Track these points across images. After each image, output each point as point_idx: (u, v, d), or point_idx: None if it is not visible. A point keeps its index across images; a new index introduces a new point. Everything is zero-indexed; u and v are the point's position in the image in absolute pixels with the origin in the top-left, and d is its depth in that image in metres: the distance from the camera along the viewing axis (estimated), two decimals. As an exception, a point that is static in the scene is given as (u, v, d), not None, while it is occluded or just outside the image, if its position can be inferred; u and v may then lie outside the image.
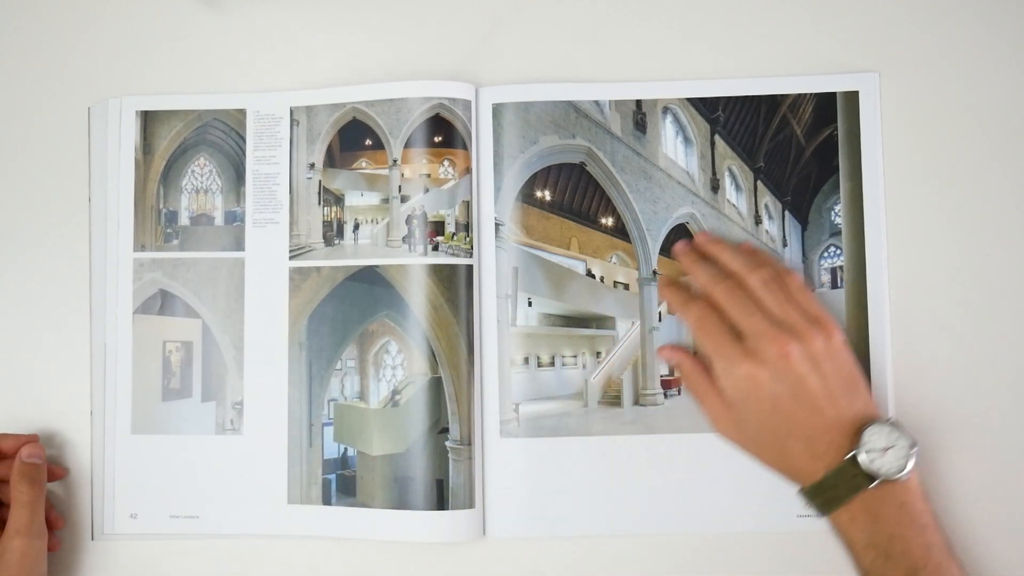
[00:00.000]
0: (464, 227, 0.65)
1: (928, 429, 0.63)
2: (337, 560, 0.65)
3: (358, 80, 0.67)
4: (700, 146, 0.67)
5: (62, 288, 0.67)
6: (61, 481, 0.65)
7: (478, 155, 0.66)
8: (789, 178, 0.66)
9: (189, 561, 0.65)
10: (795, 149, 0.66)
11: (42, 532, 0.60)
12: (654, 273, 0.66)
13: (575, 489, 0.64)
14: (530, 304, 0.66)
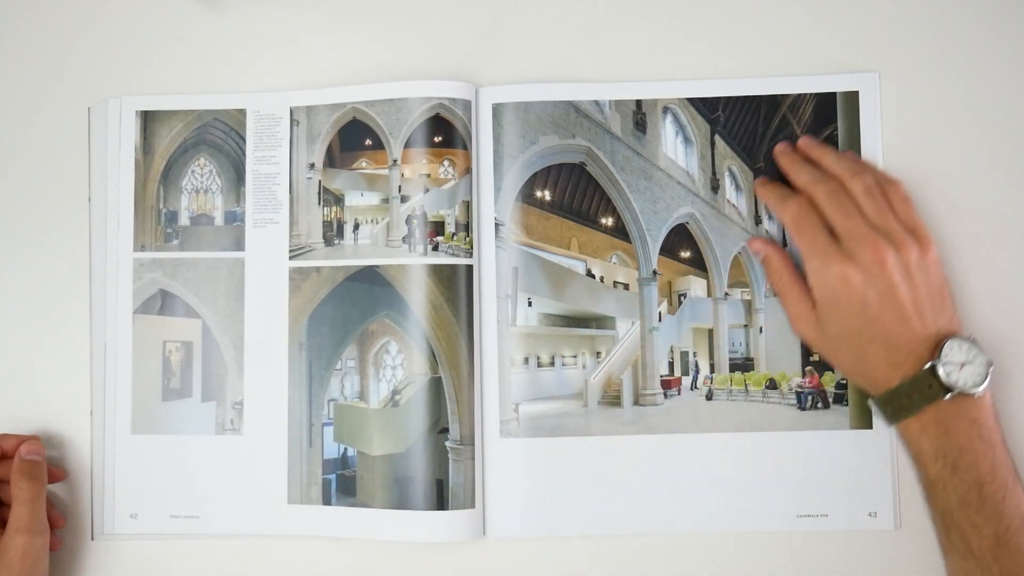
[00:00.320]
0: (464, 227, 0.65)
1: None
2: (337, 560, 0.65)
3: (358, 80, 0.67)
4: (700, 146, 0.67)
5: (62, 288, 0.67)
6: (61, 481, 0.65)
7: (478, 155, 0.66)
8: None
9: (189, 561, 0.65)
10: (795, 149, 0.66)
11: (44, 529, 0.60)
12: (654, 273, 0.66)
13: (575, 489, 0.64)
14: (530, 304, 0.66)
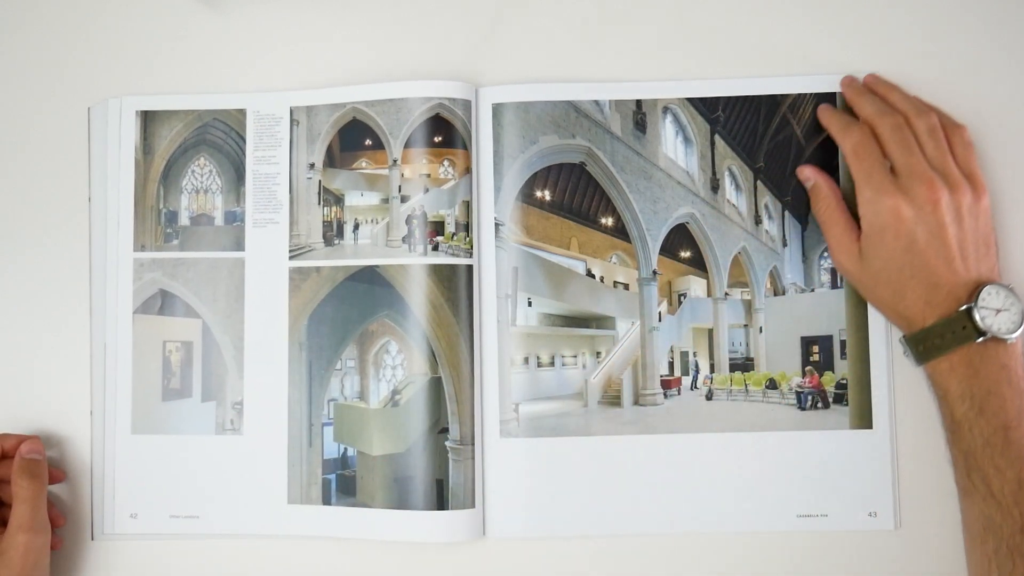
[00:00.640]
0: (464, 227, 0.65)
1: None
2: (337, 560, 0.65)
3: (358, 80, 0.67)
4: (700, 146, 0.67)
5: (62, 288, 0.67)
6: (61, 482, 0.65)
7: (478, 155, 0.66)
8: (789, 178, 0.66)
9: (189, 561, 0.65)
10: (795, 149, 0.66)
11: (45, 528, 0.60)
12: (654, 273, 0.66)
13: (575, 489, 0.64)
14: (530, 304, 0.66)
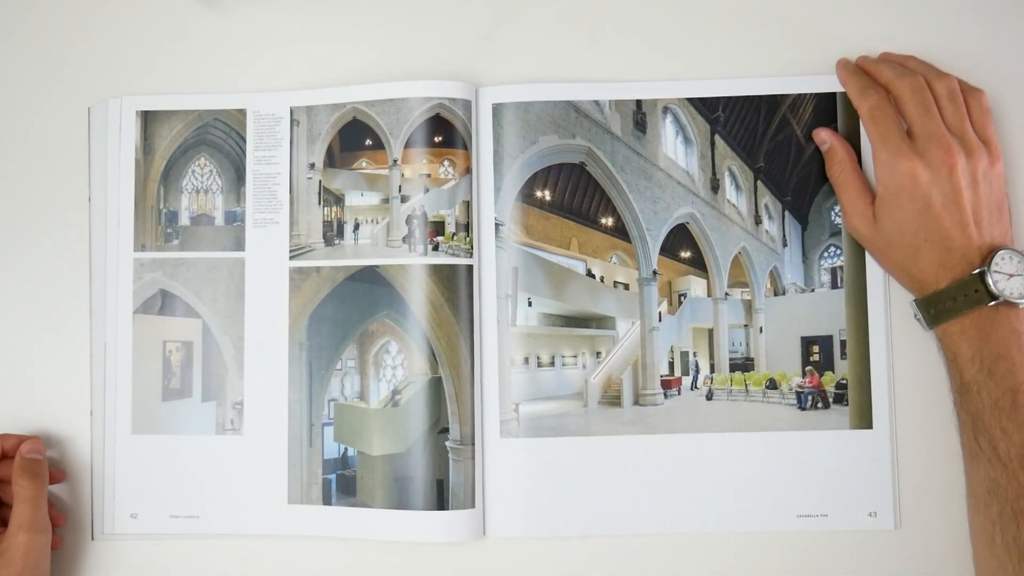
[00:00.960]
0: (464, 227, 0.65)
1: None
2: (337, 560, 0.65)
3: (358, 80, 0.67)
4: (700, 146, 0.67)
5: (62, 288, 0.67)
6: (61, 482, 0.65)
7: (478, 155, 0.66)
8: (789, 178, 0.66)
9: (189, 561, 0.65)
10: (795, 149, 0.66)
11: (46, 527, 0.60)
12: (654, 273, 0.66)
13: (575, 489, 0.64)
14: (530, 304, 0.66)
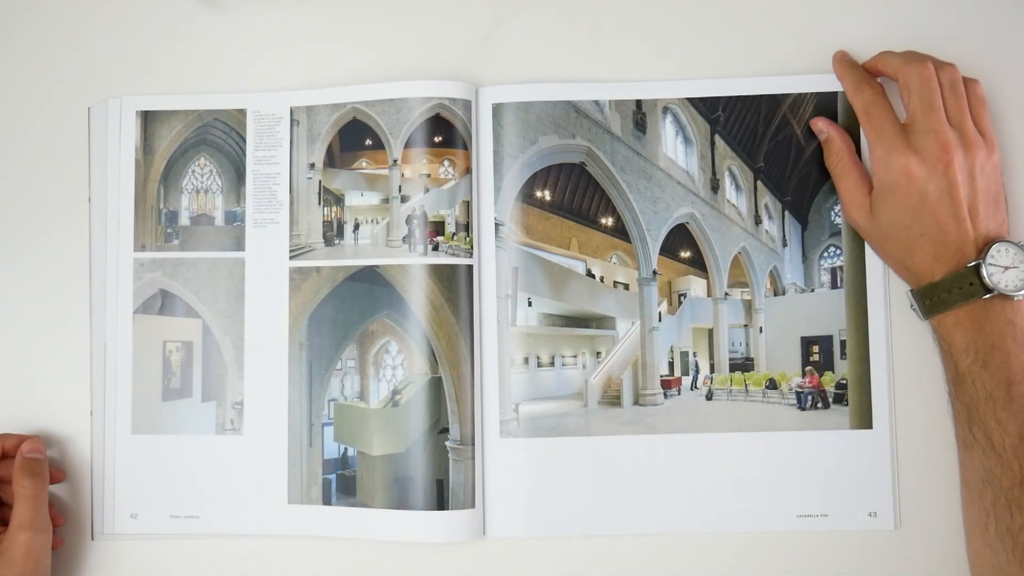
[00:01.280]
0: (464, 227, 0.65)
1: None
2: (337, 560, 0.65)
3: (358, 80, 0.67)
4: (700, 146, 0.67)
5: (62, 288, 0.67)
6: (61, 482, 0.65)
7: (478, 155, 0.66)
8: (789, 178, 0.66)
9: (189, 561, 0.65)
10: (795, 149, 0.66)
11: (46, 526, 0.60)
12: (654, 273, 0.66)
13: (575, 489, 0.64)
14: (530, 304, 0.66)
